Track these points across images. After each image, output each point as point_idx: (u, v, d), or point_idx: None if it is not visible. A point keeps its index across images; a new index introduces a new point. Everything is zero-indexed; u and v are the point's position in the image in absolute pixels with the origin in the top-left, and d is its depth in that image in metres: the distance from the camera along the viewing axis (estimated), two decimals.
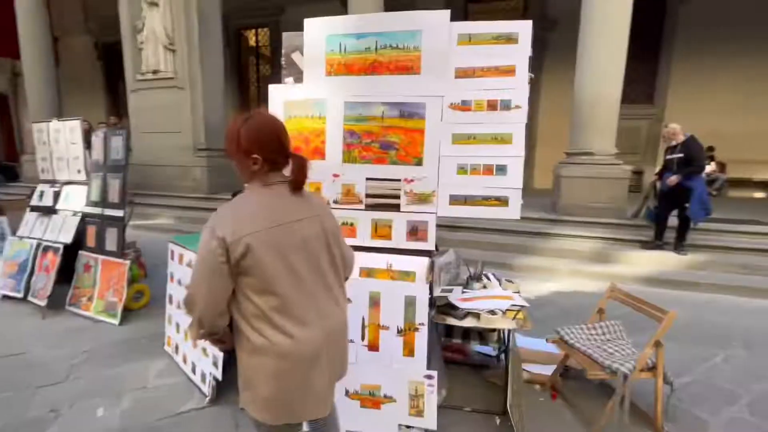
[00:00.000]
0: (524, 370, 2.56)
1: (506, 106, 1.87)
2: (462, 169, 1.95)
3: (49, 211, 3.94)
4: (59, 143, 3.92)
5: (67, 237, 3.69)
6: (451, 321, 2.10)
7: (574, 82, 5.85)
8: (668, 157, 4.87)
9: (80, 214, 3.75)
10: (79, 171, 3.84)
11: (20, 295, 3.76)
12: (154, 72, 8.14)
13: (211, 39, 8.11)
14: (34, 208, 3.99)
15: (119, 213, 3.50)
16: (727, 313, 3.82)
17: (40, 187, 4.14)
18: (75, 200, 3.85)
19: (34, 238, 3.90)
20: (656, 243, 5.03)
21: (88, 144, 3.83)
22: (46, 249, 3.76)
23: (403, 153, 1.97)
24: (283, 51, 2.12)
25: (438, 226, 2.02)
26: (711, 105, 8.54)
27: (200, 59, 7.92)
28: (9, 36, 11.12)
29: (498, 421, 2.18)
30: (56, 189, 3.99)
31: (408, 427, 2.02)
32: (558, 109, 8.48)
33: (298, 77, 2.07)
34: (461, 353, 2.74)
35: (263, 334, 1.13)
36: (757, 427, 2.20)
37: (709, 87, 8.68)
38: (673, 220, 4.94)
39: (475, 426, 2.16)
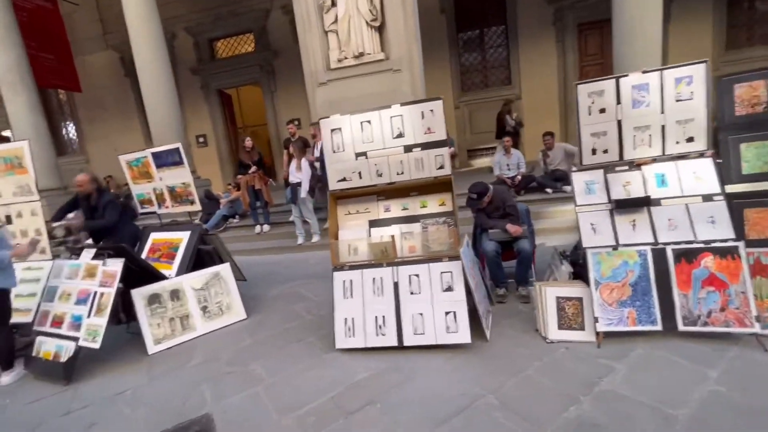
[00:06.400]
0: None
1: None
2: None
3: (641, 203, 2.78)
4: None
5: (728, 230, 2.59)
6: None
7: None
8: None
9: (722, 196, 2.65)
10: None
11: (656, 327, 2.61)
12: (358, 56, 6.75)
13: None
14: (621, 203, 2.79)
15: None
16: None
17: (586, 176, 2.94)
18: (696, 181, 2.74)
19: (642, 244, 2.73)
20: None
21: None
22: (689, 254, 2.62)
23: None
24: None
25: None
26: None
27: (416, 33, 6.65)
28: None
29: None
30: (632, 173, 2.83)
31: None
32: None
33: None
34: None
35: None
36: None
37: None
38: None
39: None
